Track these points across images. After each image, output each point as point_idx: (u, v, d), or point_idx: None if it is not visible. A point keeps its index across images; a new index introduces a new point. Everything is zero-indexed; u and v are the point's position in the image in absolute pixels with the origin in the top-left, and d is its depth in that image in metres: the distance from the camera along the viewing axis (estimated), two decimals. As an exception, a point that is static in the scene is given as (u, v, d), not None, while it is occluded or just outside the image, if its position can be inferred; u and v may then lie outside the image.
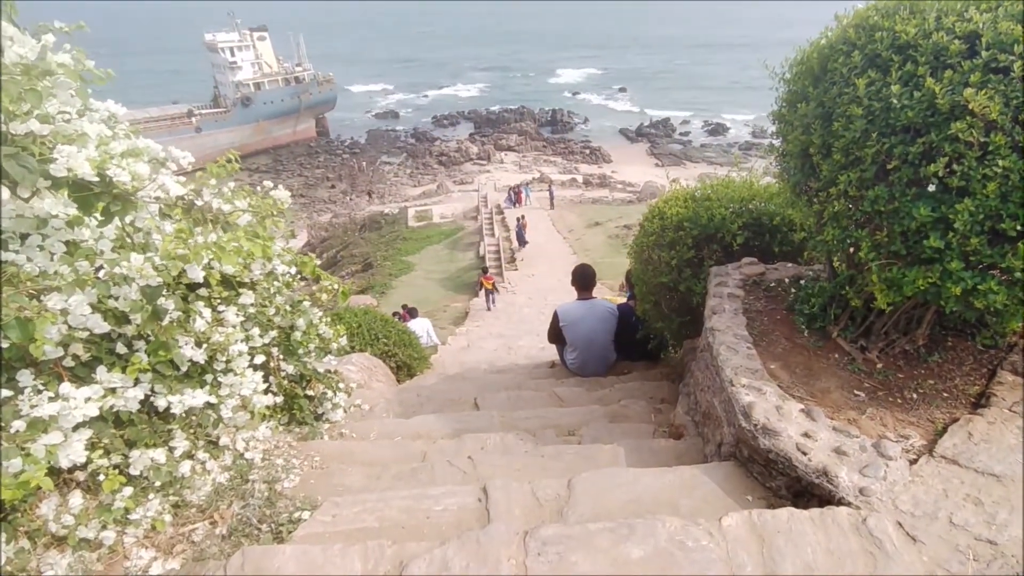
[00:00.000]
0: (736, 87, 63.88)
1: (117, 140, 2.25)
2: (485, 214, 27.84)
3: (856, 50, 2.35)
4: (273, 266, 3.00)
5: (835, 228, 2.42)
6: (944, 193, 2.04)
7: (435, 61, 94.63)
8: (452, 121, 62.27)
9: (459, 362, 7.31)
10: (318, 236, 33.54)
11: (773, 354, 2.71)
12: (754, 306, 3.10)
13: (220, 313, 2.49)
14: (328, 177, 47.16)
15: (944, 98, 1.99)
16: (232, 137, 50.83)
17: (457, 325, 14.50)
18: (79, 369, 1.94)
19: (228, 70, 51.10)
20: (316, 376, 3.16)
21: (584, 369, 4.74)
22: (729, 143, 52.54)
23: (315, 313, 3.26)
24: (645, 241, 4.03)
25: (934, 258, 2.11)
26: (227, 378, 2.45)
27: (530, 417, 3.33)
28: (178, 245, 1.95)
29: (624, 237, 23.59)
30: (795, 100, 2.67)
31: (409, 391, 4.12)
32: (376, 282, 22.13)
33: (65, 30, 2.42)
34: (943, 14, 2.18)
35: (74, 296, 1.59)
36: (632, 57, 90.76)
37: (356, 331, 5.25)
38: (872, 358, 2.65)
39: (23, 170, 1.41)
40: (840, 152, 2.32)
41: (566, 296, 15.81)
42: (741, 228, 3.65)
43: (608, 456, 2.56)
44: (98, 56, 7.25)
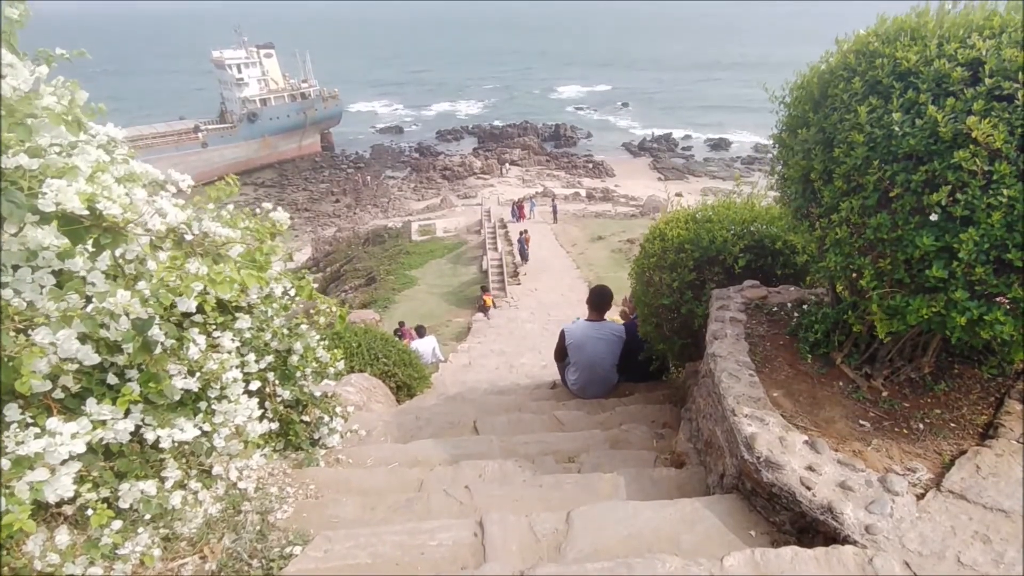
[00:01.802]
0: (738, 105, 64.08)
1: (115, 165, 2.25)
2: (488, 228, 27.87)
3: (856, 76, 2.33)
4: (271, 288, 2.98)
5: (837, 255, 2.38)
6: (948, 222, 2.01)
7: (440, 79, 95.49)
8: (456, 136, 62.67)
9: (460, 381, 7.25)
10: (322, 250, 33.61)
11: (776, 381, 2.67)
12: (756, 331, 3.06)
13: (215, 339, 2.46)
14: (333, 191, 47.41)
15: (947, 126, 1.96)
16: (238, 152, 51.32)
17: (459, 341, 14.44)
18: (69, 400, 1.91)
19: (235, 86, 51.68)
20: (313, 401, 3.12)
21: (585, 391, 4.69)
22: (732, 157, 52.72)
23: (312, 336, 3.23)
24: (646, 263, 3.99)
25: (938, 287, 2.07)
26: (221, 405, 2.42)
27: (529, 442, 3.28)
28: (169, 275, 1.93)
29: (627, 251, 23.57)
30: (795, 125, 2.65)
31: (408, 413, 4.07)
32: (379, 296, 22.11)
33: (66, 57, 2.43)
34: (944, 41, 2.16)
35: (62, 331, 1.56)
36: (635, 75, 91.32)
37: (356, 351, 5.22)
38: (877, 386, 2.60)
39: (11, 206, 1.39)
40: (841, 178, 2.30)
41: (569, 311, 15.84)
42: (743, 251, 3.62)
43: (608, 486, 2.51)
44: (106, 74, 7.37)
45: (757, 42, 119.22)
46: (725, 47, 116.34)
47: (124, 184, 2.05)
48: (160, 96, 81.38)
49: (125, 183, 2.10)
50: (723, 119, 62.07)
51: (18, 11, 2.15)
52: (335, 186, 48.53)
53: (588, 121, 67.30)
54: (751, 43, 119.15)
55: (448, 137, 62.27)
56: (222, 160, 49.84)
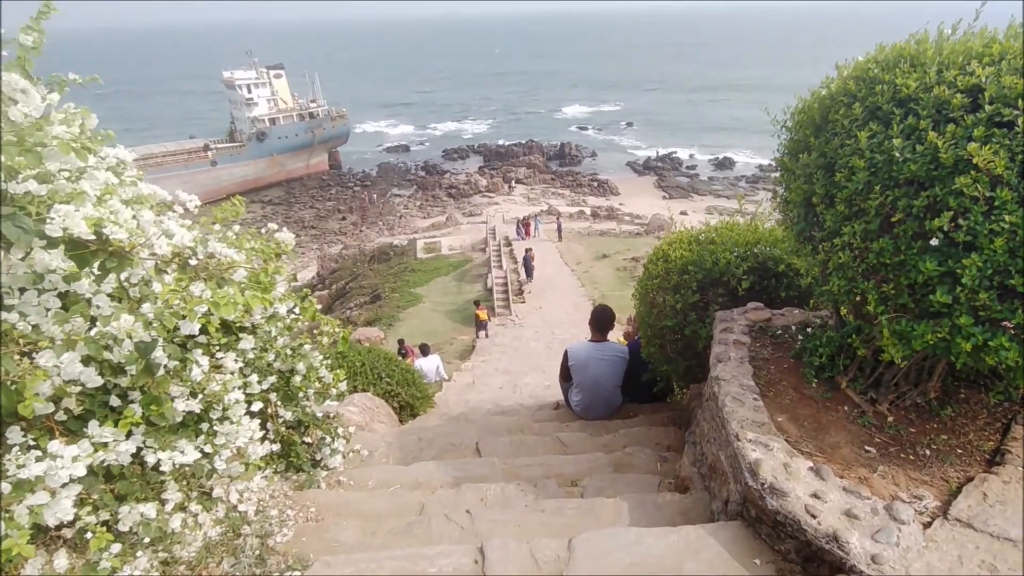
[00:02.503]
0: (741, 127, 64.38)
1: (123, 187, 2.28)
2: (493, 246, 27.97)
3: (857, 102, 2.35)
4: (275, 308, 2.99)
5: (840, 279, 2.37)
6: (951, 247, 2.00)
7: (446, 99, 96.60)
8: (462, 154, 63.21)
9: (463, 401, 7.22)
10: (328, 267, 33.76)
11: (781, 406, 2.65)
12: (760, 354, 3.04)
13: (218, 360, 2.47)
14: (339, 209, 47.80)
15: (947, 152, 1.97)
16: (246, 170, 51.90)
17: (463, 359, 14.41)
18: (71, 422, 1.91)
19: (245, 106, 52.45)
20: (315, 422, 3.11)
21: (588, 412, 4.66)
22: (736, 176, 52.85)
23: (316, 357, 3.24)
24: (649, 284, 3.99)
25: (943, 312, 2.06)
26: (223, 427, 2.41)
27: (532, 465, 3.25)
28: (174, 297, 1.95)
29: (632, 270, 23.55)
30: (797, 149, 2.67)
31: (410, 434, 4.05)
32: (384, 314, 22.13)
33: (79, 82, 2.49)
34: (944, 68, 2.18)
35: (66, 354, 1.57)
36: (639, 96, 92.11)
37: (360, 370, 5.21)
38: (883, 411, 2.57)
39: (19, 231, 1.42)
40: (843, 203, 2.30)
41: (573, 330, 15.81)
42: (746, 273, 3.62)
43: (611, 512, 2.48)
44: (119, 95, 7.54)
45: (760, 64, 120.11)
46: (729, 69, 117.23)
47: (132, 206, 2.08)
48: (172, 116, 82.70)
49: (133, 205, 2.14)
50: (727, 140, 62.33)
51: (32, 39, 2.20)
52: (342, 204, 48.94)
53: (593, 140, 67.79)
54: (755, 65, 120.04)
55: (454, 156, 62.82)
56: (230, 178, 50.42)
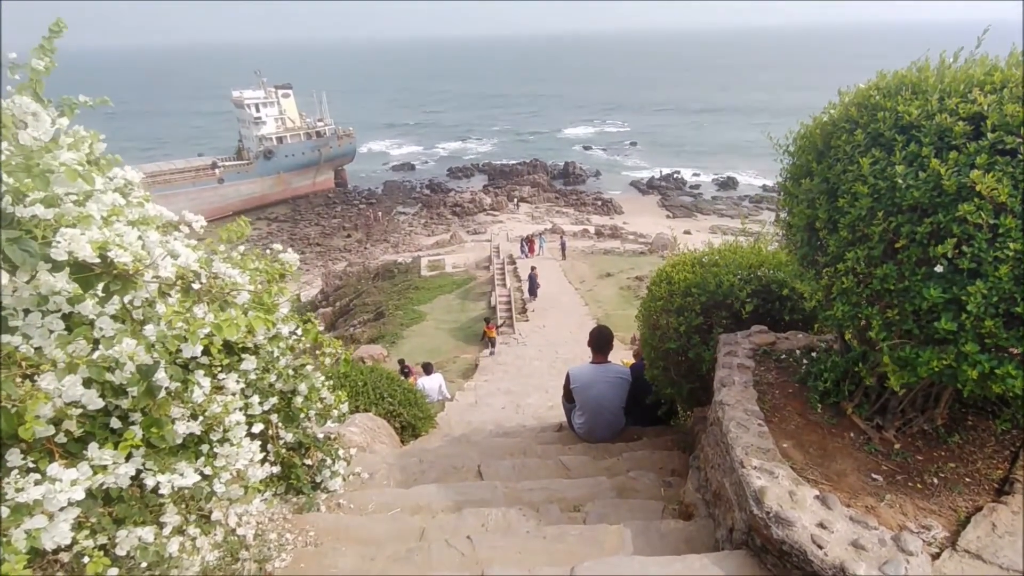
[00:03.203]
0: (745, 149, 64.68)
1: (130, 208, 2.30)
2: (497, 264, 28.02)
3: (859, 128, 2.36)
4: (278, 329, 2.99)
5: (844, 304, 2.36)
6: (955, 274, 1.99)
7: (452, 120, 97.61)
8: (466, 173, 63.70)
9: (465, 421, 7.17)
10: (332, 284, 33.83)
11: (786, 431, 2.62)
12: (765, 378, 3.02)
13: (220, 381, 2.46)
14: (344, 227, 48.10)
15: (950, 179, 1.97)
16: (253, 188, 52.42)
17: (466, 378, 14.34)
18: (71, 445, 1.90)
19: (253, 125, 53.15)
20: (315, 444, 3.09)
21: (592, 435, 4.62)
22: (740, 196, 53.04)
23: (317, 377, 3.23)
24: (653, 306, 3.98)
25: (948, 339, 2.04)
26: (224, 448, 2.40)
27: (534, 489, 3.21)
28: (177, 318, 1.95)
29: (636, 289, 23.52)
30: (799, 174, 2.68)
31: (411, 455, 4.02)
32: (387, 331, 22.10)
33: (89, 104, 2.52)
34: (946, 95, 2.19)
35: (67, 378, 1.57)
36: (643, 118, 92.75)
37: (362, 390, 5.19)
38: (889, 438, 2.54)
39: (24, 254, 1.43)
40: (846, 228, 2.30)
41: (577, 349, 15.74)
42: (750, 295, 3.60)
43: (614, 539, 2.44)
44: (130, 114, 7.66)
45: (764, 87, 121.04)
46: (733, 91, 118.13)
47: (138, 227, 2.09)
48: (181, 134, 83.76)
49: (139, 226, 2.15)
50: (730, 161, 62.56)
51: (44, 63, 2.25)
52: (347, 221, 49.27)
53: (597, 160, 68.25)
54: (759, 87, 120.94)
55: (459, 174, 63.31)
56: (237, 196, 50.92)
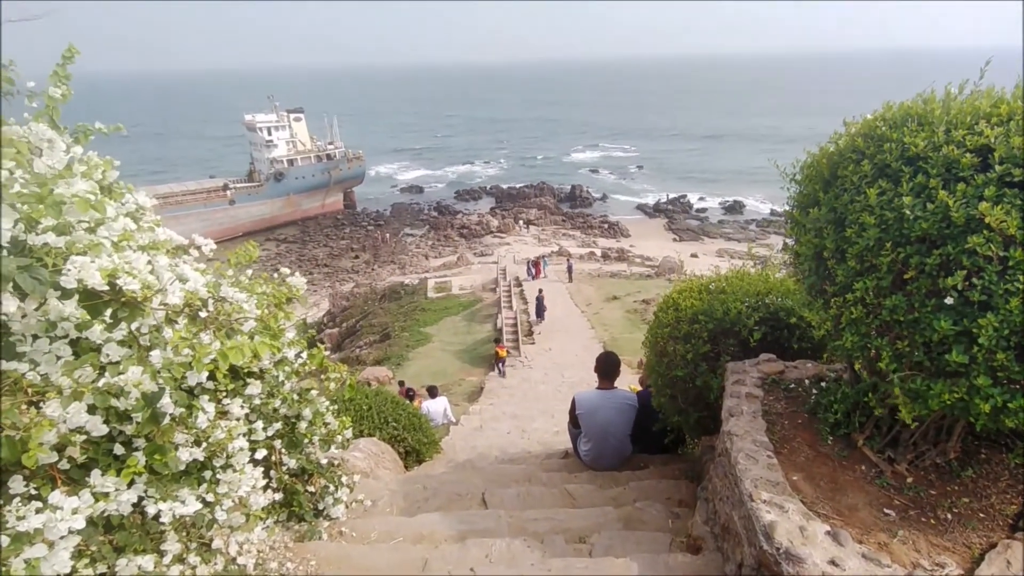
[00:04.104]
0: (751, 173, 64.80)
1: (141, 232, 2.33)
2: (504, 286, 28.04)
3: (865, 159, 2.37)
4: (284, 353, 2.98)
5: (853, 334, 2.34)
6: (965, 306, 1.97)
7: (461, 144, 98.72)
8: (474, 196, 64.24)
9: (470, 446, 7.10)
10: (339, 305, 33.95)
11: (795, 463, 2.57)
12: (774, 408, 2.98)
13: (225, 406, 2.45)
14: (352, 248, 48.43)
15: (959, 211, 1.96)
16: (263, 209, 53.05)
17: (471, 402, 14.24)
18: (74, 471, 1.90)
19: (264, 147, 54.01)
20: (318, 470, 3.06)
21: (598, 462, 4.55)
22: (747, 220, 53.07)
23: (322, 402, 3.21)
24: (660, 332, 3.96)
25: (960, 372, 2.01)
26: (226, 475, 2.38)
27: (539, 519, 3.16)
28: (184, 345, 1.96)
29: (643, 312, 23.43)
30: (806, 203, 2.68)
31: (415, 482, 3.97)
32: (393, 353, 22.08)
33: (103, 131, 2.57)
34: (952, 127, 2.20)
35: (72, 405, 1.58)
36: (649, 143, 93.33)
37: (366, 414, 5.16)
38: (902, 471, 2.49)
39: (34, 282, 1.44)
40: (854, 258, 2.29)
41: (583, 372, 15.64)
42: (758, 323, 3.58)
43: (621, 572, 2.39)
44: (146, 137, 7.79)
45: (770, 113, 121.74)
46: (739, 117, 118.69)
47: (148, 251, 2.11)
48: (196, 157, 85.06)
49: (149, 251, 2.17)
50: (737, 187, 62.67)
51: (61, 91, 2.30)
52: (355, 243, 49.63)
53: (603, 183, 68.65)
54: (765, 114, 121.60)
55: (466, 197, 63.83)
56: (248, 217, 51.53)
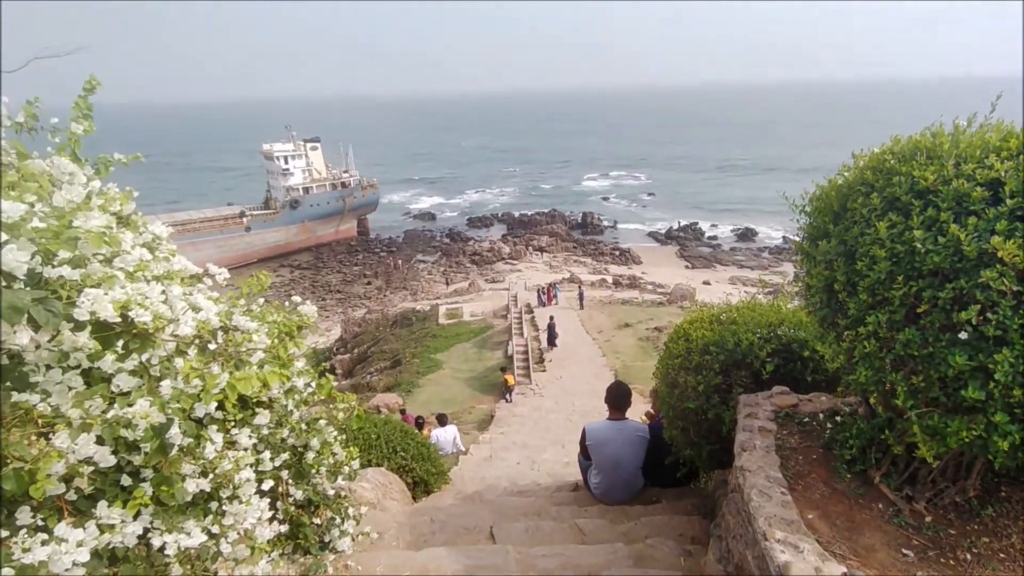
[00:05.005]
0: (763, 203, 64.62)
1: (156, 262, 2.37)
2: (515, 313, 28.00)
3: (874, 192, 2.36)
4: (293, 383, 2.99)
5: (867, 369, 2.30)
6: (981, 341, 1.94)
7: (474, 173, 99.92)
8: (486, 223, 64.75)
9: (479, 477, 7.00)
10: (351, 331, 34.05)
11: (810, 501, 2.51)
12: (788, 442, 2.92)
13: (233, 436, 2.45)
14: (365, 274, 48.84)
15: (971, 245, 1.94)
16: (278, 236, 53.87)
17: (481, 430, 14.11)
18: (81, 502, 1.90)
19: (281, 176, 55.11)
20: (325, 502, 3.04)
21: (609, 495, 4.46)
22: (759, 247, 52.83)
23: (330, 432, 3.20)
24: (670, 363, 3.92)
25: (977, 408, 1.97)
26: (232, 506, 2.37)
27: (548, 556, 3.09)
28: (194, 375, 1.97)
29: (655, 340, 23.22)
30: (816, 235, 2.67)
31: (422, 514, 3.92)
32: (403, 380, 22.02)
33: (123, 162, 2.65)
34: (962, 161, 2.19)
35: (81, 436, 1.59)
36: (661, 173, 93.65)
37: (375, 443, 5.13)
38: (920, 509, 2.42)
39: (48, 315, 1.47)
40: (866, 291, 2.27)
41: (594, 401, 15.45)
42: (770, 355, 3.53)
43: (630, 613, 2.32)
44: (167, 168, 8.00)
45: (782, 143, 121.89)
46: (751, 147, 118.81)
47: (162, 281, 2.15)
48: (214, 187, 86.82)
49: (163, 280, 2.21)
50: (749, 216, 62.47)
51: (83, 127, 2.38)
52: (368, 269, 50.06)
53: (615, 211, 68.93)
54: (776, 143, 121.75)
55: (478, 224, 64.37)
56: (263, 243, 52.34)
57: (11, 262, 1.48)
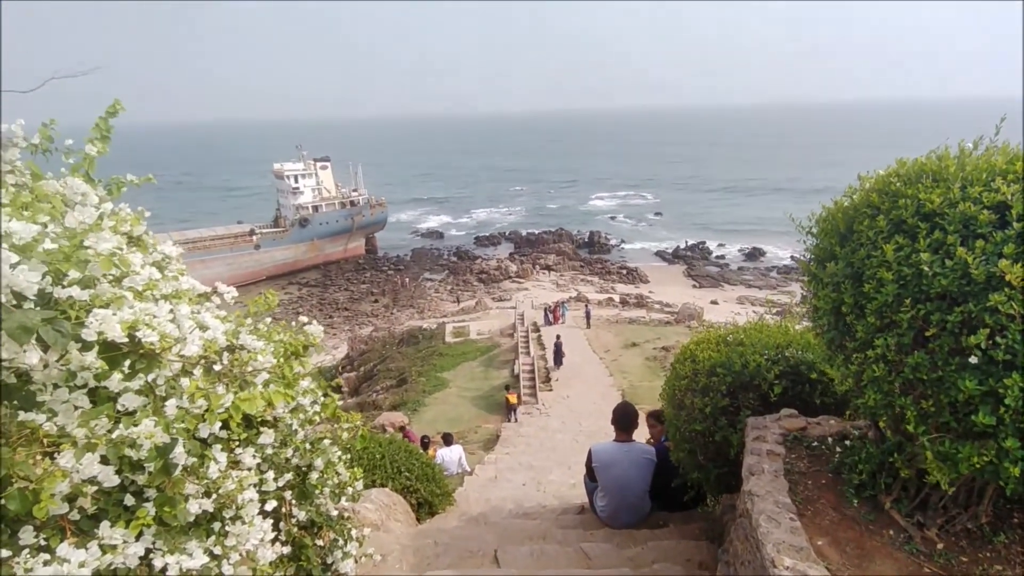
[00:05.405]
0: (771, 224, 64.40)
1: (165, 281, 2.39)
2: (521, 332, 27.93)
3: (881, 214, 2.36)
4: (298, 402, 2.99)
5: (876, 392, 2.28)
6: (990, 365, 1.92)
7: (482, 192, 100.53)
8: (493, 241, 64.98)
9: (484, 499, 6.92)
10: (358, 349, 34.07)
11: (820, 527, 2.46)
12: (796, 467, 2.88)
13: (237, 455, 2.45)
14: (372, 292, 48.97)
15: (978, 268, 1.93)
16: (287, 254, 54.30)
17: (487, 450, 13.99)
18: (84, 522, 1.90)
19: (291, 194, 55.74)
20: (328, 523, 3.01)
21: (615, 519, 4.40)
22: (767, 267, 52.58)
23: (334, 452, 3.19)
24: (677, 384, 3.89)
25: (988, 433, 1.94)
26: (235, 527, 2.36)
27: (553, 580, 3.04)
28: (199, 395, 1.98)
29: (662, 359, 23.06)
30: (823, 257, 2.66)
31: (426, 536, 3.87)
32: (409, 398, 21.93)
33: (135, 183, 2.69)
34: (968, 184, 2.19)
35: (86, 456, 1.59)
36: (669, 193, 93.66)
37: (379, 463, 5.10)
38: (931, 536, 2.37)
39: (56, 335, 1.48)
40: (873, 314, 2.25)
41: (601, 421, 15.32)
42: (778, 377, 3.49)
43: (636, 642, 2.27)
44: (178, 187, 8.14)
45: (788, 164, 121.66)
46: (759, 168, 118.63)
47: (170, 300, 2.17)
48: (224, 206, 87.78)
49: (171, 299, 2.23)
50: (757, 237, 62.23)
51: (97, 148, 2.42)
52: (375, 287, 50.22)
53: (622, 230, 68.99)
54: (785, 165, 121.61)
55: (486, 242, 64.60)
56: (272, 261, 52.77)
57: (22, 282, 1.51)
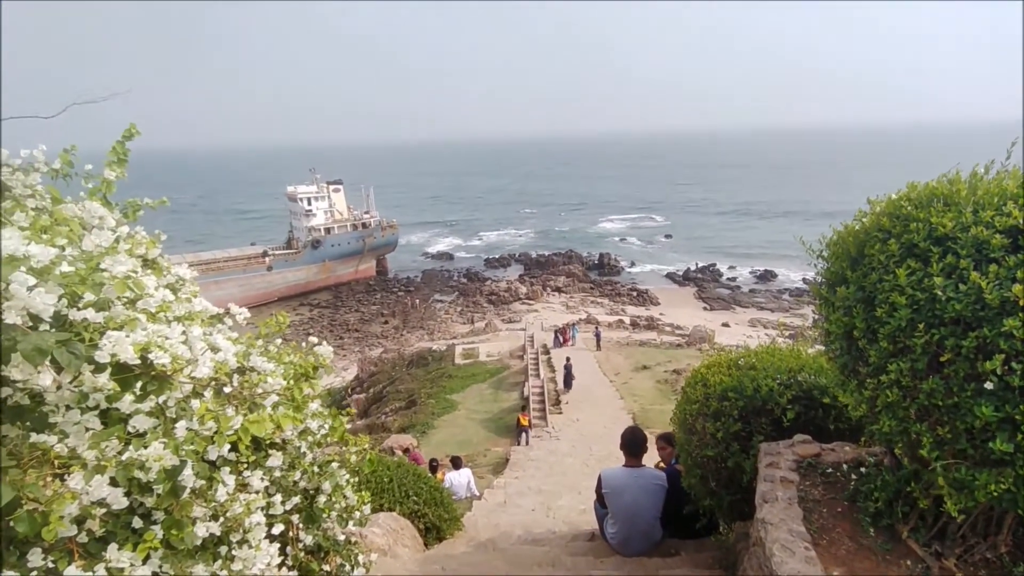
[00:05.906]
0: (782, 247, 64.02)
1: (178, 303, 2.42)
2: (531, 354, 27.81)
3: (892, 238, 2.35)
4: (307, 424, 2.99)
5: (891, 419, 2.24)
6: (1006, 391, 1.88)
7: (492, 215, 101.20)
8: (503, 263, 65.18)
9: (493, 524, 6.82)
10: (367, 370, 34.07)
11: (836, 557, 2.40)
12: (811, 494, 2.82)
13: (245, 478, 2.44)
14: (382, 313, 49.13)
15: (992, 293, 1.91)
16: (299, 275, 54.80)
17: (496, 474, 13.83)
18: (92, 545, 1.90)
19: (304, 217, 56.50)
20: (335, 548, 2.99)
21: (626, 546, 4.31)
22: (779, 289, 52.17)
23: (342, 475, 3.17)
24: (688, 409, 3.84)
25: (1005, 460, 1.89)
26: (242, 551, 2.34)
27: (562, 609, 2.98)
28: (209, 416, 1.99)
29: (674, 383, 22.80)
30: (834, 281, 2.64)
31: (434, 562, 3.82)
32: (419, 420, 21.82)
33: (151, 206, 2.75)
34: (980, 208, 2.18)
35: (95, 478, 1.60)
36: (679, 216, 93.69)
37: (387, 487, 5.06)
38: (950, 567, 2.30)
39: (70, 357, 1.50)
40: (887, 339, 2.22)
41: (611, 446, 15.13)
42: (791, 402, 3.44)
43: (647, 675, 2.21)
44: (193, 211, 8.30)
45: (800, 187, 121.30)
46: (770, 190, 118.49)
47: (183, 322, 2.19)
48: (237, 229, 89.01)
49: (184, 321, 2.26)
50: (768, 260, 61.83)
51: (116, 173, 2.48)
52: (385, 308, 50.39)
53: (632, 252, 68.93)
54: (796, 187, 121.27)
55: (495, 264, 64.81)
56: (283, 282, 53.27)
57: (39, 305, 1.53)
